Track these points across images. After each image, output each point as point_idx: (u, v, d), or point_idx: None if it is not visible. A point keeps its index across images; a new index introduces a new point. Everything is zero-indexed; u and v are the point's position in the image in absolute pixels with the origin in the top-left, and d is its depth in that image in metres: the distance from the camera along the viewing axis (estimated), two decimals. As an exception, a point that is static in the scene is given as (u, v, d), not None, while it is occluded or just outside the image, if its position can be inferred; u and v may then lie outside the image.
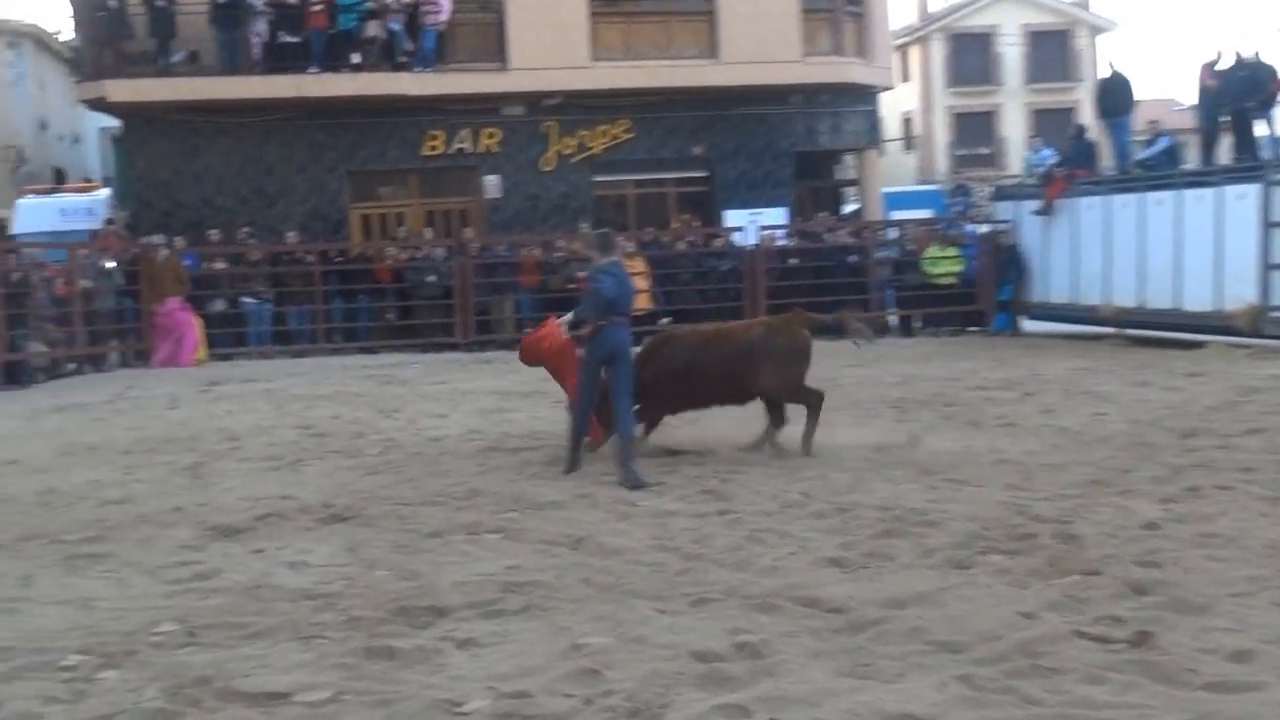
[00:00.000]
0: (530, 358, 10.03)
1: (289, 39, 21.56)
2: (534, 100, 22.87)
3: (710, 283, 20.63)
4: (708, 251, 21.32)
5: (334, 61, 21.61)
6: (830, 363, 15.22)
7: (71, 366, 18.17)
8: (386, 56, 22.05)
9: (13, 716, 4.41)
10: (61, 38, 34.59)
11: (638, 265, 18.60)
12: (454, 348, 19.48)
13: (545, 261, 20.58)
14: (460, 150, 22.91)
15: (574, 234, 21.38)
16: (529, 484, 8.49)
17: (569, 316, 9.59)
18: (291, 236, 20.88)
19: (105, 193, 25.57)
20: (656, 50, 23.10)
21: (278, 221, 21.79)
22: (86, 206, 23.70)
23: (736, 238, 21.44)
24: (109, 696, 4.59)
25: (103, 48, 21.83)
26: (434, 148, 22.79)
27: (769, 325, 10.09)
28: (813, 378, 9.79)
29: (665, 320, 15.34)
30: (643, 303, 17.03)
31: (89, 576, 6.39)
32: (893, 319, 21.23)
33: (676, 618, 5.40)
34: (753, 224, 21.78)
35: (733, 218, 22.84)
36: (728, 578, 6.04)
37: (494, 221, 22.93)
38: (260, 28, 21.55)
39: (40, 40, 34.79)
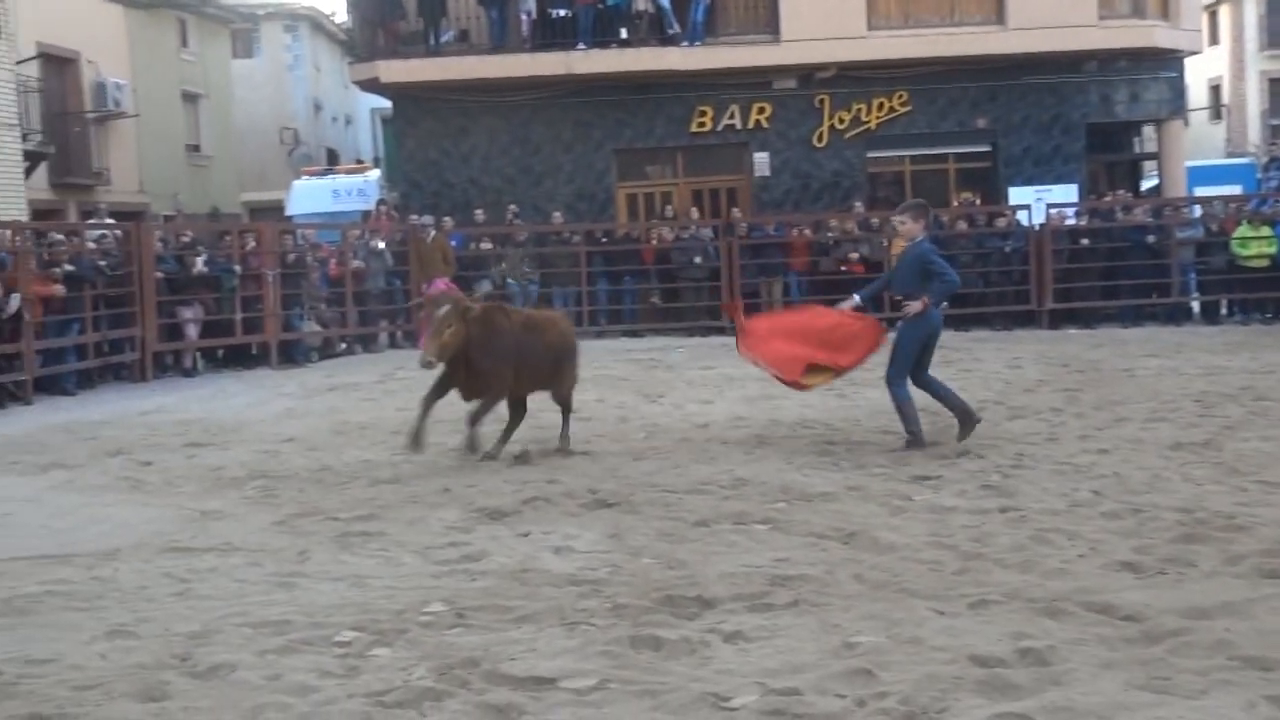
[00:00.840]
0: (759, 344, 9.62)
1: (558, 13, 21.88)
2: (807, 73, 22.63)
3: (992, 265, 19.87)
4: (990, 231, 20.47)
5: (602, 37, 21.84)
6: (1125, 353, 14.52)
7: (343, 346, 18.95)
8: (655, 31, 22.17)
9: (291, 688, 4.49)
10: (336, 20, 36.28)
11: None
12: (720, 331, 19.40)
13: (816, 242, 20.26)
14: (729, 126, 22.85)
15: (846, 212, 21.02)
16: (799, 474, 8.27)
17: (855, 300, 9.43)
18: (557, 216, 21.19)
19: (376, 173, 26.63)
20: (938, 17, 22.48)
21: (544, 201, 22.22)
22: (358, 187, 24.71)
23: (1022, 217, 20.53)
24: (381, 674, 4.64)
25: (376, 29, 22.69)
26: (702, 124, 22.79)
27: (563, 318, 10.00)
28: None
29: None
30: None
31: (361, 554, 6.53)
32: (1195, 305, 20.03)
33: (955, 619, 5.12)
34: (1040, 202, 20.87)
35: (1018, 195, 21.99)
36: (1011, 579, 5.70)
37: (763, 200, 22.78)
38: (529, 4, 21.99)
39: (316, 23, 36.70)
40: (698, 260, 20.04)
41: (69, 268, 15.54)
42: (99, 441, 10.92)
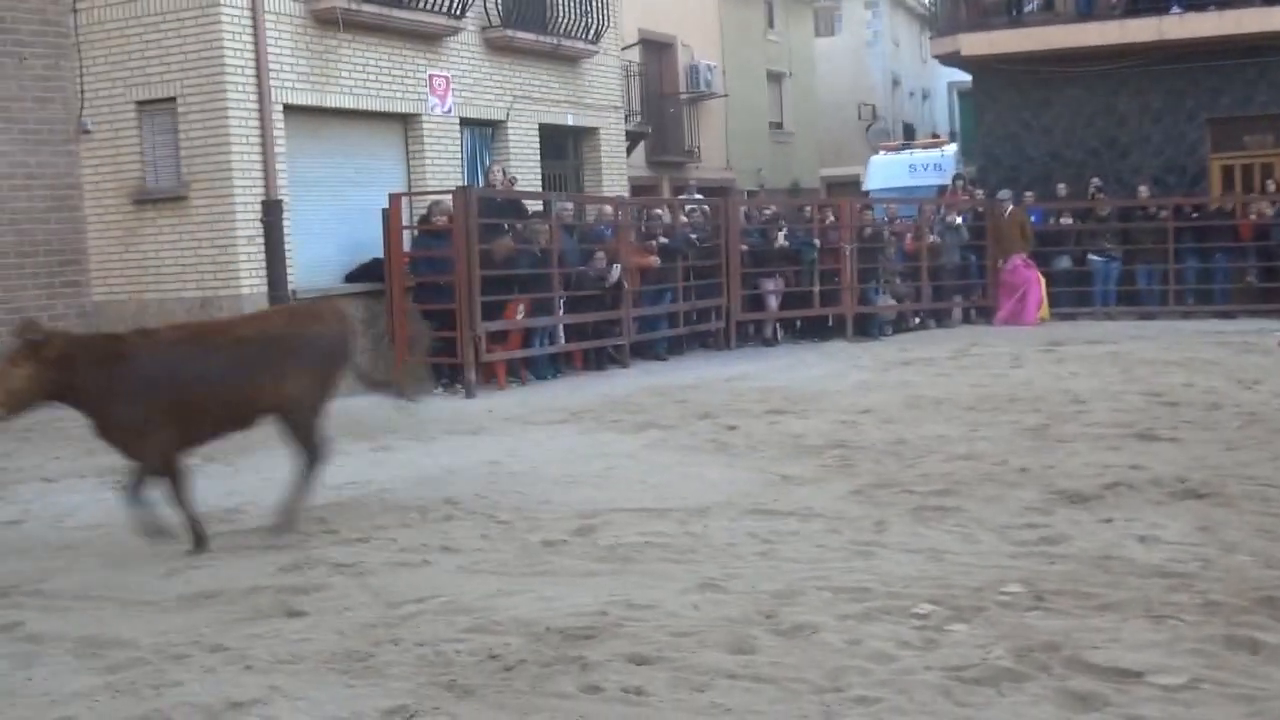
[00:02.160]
0: None
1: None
2: None
3: None
4: None
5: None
6: None
7: (916, 320, 19.10)
8: (1258, -11, 20.49)
9: (871, 654, 4.61)
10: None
11: None
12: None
13: None
14: (1343, 92, 20.68)
15: None
16: None
17: None
18: (1143, 190, 20.19)
19: (953, 148, 26.45)
20: None
21: (1129, 174, 21.29)
22: (935, 162, 24.76)
23: None
24: (958, 649, 4.66)
25: (957, 2, 22.56)
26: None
27: (293, 311, 7.46)
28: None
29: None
30: None
31: (937, 528, 6.58)
32: None
33: None
34: None
35: None
36: None
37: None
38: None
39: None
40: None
41: (664, 240, 16.70)
42: (688, 404, 11.70)
